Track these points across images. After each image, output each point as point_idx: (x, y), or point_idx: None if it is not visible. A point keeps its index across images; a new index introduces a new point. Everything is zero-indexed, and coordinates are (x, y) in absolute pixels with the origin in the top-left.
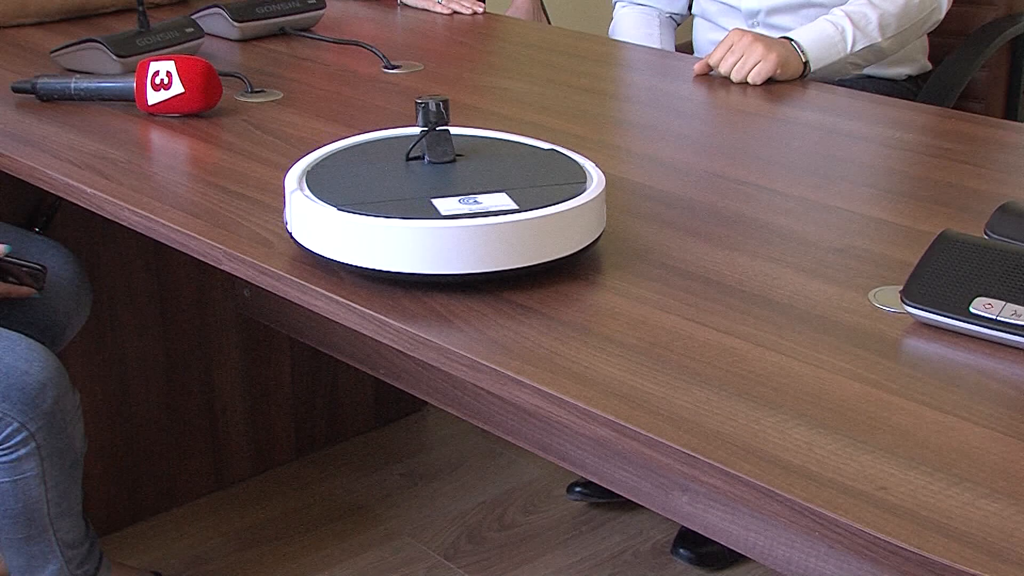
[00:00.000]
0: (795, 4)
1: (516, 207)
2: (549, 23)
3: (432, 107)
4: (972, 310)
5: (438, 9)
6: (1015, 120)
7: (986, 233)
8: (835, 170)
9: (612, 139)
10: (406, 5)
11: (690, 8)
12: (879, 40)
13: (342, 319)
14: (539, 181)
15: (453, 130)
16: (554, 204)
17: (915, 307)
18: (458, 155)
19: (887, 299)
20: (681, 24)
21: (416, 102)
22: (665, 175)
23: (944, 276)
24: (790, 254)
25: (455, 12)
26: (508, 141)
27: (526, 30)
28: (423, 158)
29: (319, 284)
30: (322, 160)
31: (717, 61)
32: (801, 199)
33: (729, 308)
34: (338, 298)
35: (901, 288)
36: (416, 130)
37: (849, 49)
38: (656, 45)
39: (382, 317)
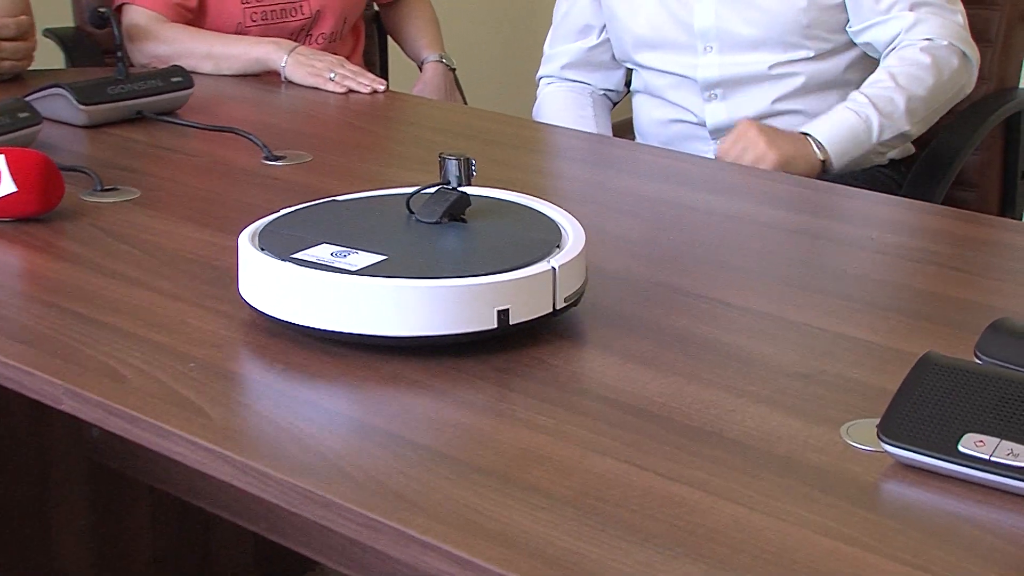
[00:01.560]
0: (758, 75)
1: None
2: (464, 103)
3: (452, 166)
4: (961, 449)
5: (330, 87)
6: (1012, 210)
7: (976, 355)
8: (801, 279)
9: None
10: (292, 82)
11: (628, 84)
12: (908, 128)
13: (213, 470)
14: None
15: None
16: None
17: (895, 445)
18: (461, 218)
19: (862, 435)
20: (618, 103)
21: (439, 156)
22: (603, 287)
23: (928, 408)
24: (748, 381)
25: (351, 91)
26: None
27: (436, 112)
28: (413, 214)
29: (182, 426)
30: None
31: (722, 153)
32: (761, 314)
33: (675, 448)
34: (208, 444)
35: (878, 422)
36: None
37: (875, 140)
38: (591, 128)
39: (262, 468)
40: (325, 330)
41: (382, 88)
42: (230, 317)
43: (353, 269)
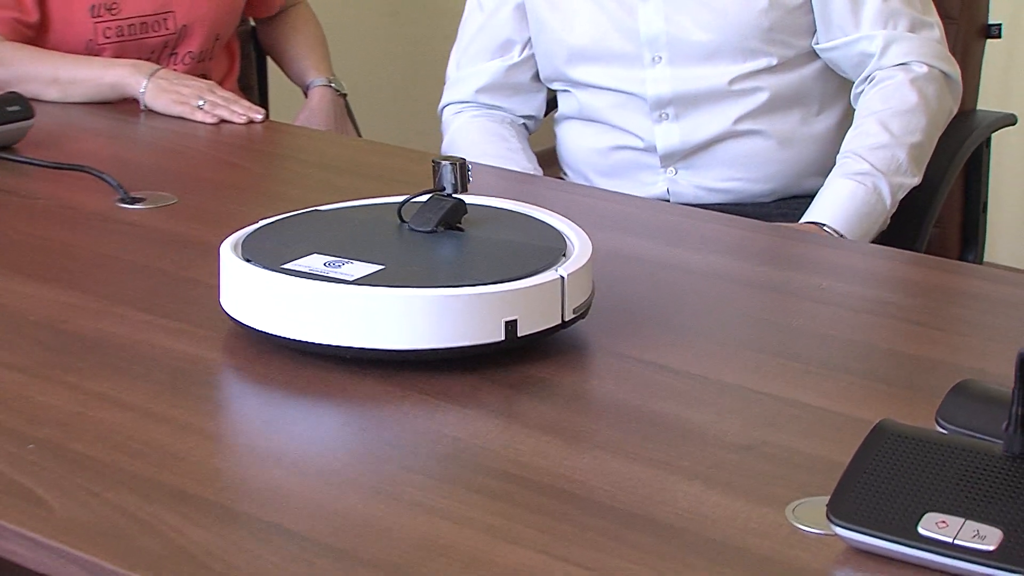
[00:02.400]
0: (717, 91)
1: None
2: (358, 134)
3: (447, 171)
4: (922, 531)
5: (198, 117)
6: (975, 246)
7: (938, 422)
8: (743, 337)
9: None
10: (153, 111)
11: (548, 110)
12: (916, 180)
13: (55, 572)
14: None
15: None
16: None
17: (847, 528)
18: (458, 227)
19: (810, 516)
20: (534, 132)
21: (432, 161)
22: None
23: (884, 484)
24: (681, 455)
25: (223, 120)
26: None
27: (324, 145)
28: (405, 223)
29: (18, 520)
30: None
31: None
32: (698, 378)
33: (598, 534)
34: (49, 541)
35: (828, 501)
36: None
37: (890, 206)
38: (521, 164)
39: (100, 562)
40: (319, 344)
41: (260, 117)
42: (78, 390)
43: (351, 279)
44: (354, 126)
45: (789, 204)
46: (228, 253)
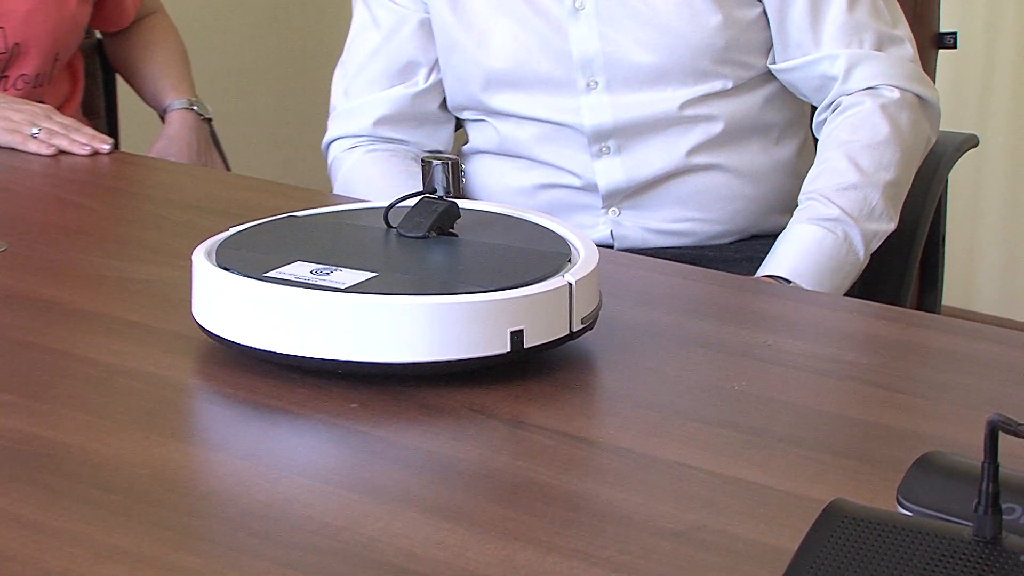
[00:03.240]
0: (667, 118)
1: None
2: (226, 167)
3: (438, 171)
4: None
5: (32, 147)
6: (935, 283)
7: (899, 501)
8: (674, 402)
9: None
10: None
11: (464, 140)
12: (892, 225)
13: None
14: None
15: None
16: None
17: None
18: (451, 232)
19: None
20: None
21: (422, 160)
22: (417, 426)
23: (837, 574)
24: (604, 543)
25: (62, 151)
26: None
27: (185, 180)
28: (393, 228)
29: None
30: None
31: None
32: (620, 452)
33: None
34: None
35: None
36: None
37: (863, 257)
38: None
39: None
40: (310, 358)
41: (107, 148)
42: None
43: (342, 287)
44: (221, 157)
45: (752, 245)
46: (203, 261)
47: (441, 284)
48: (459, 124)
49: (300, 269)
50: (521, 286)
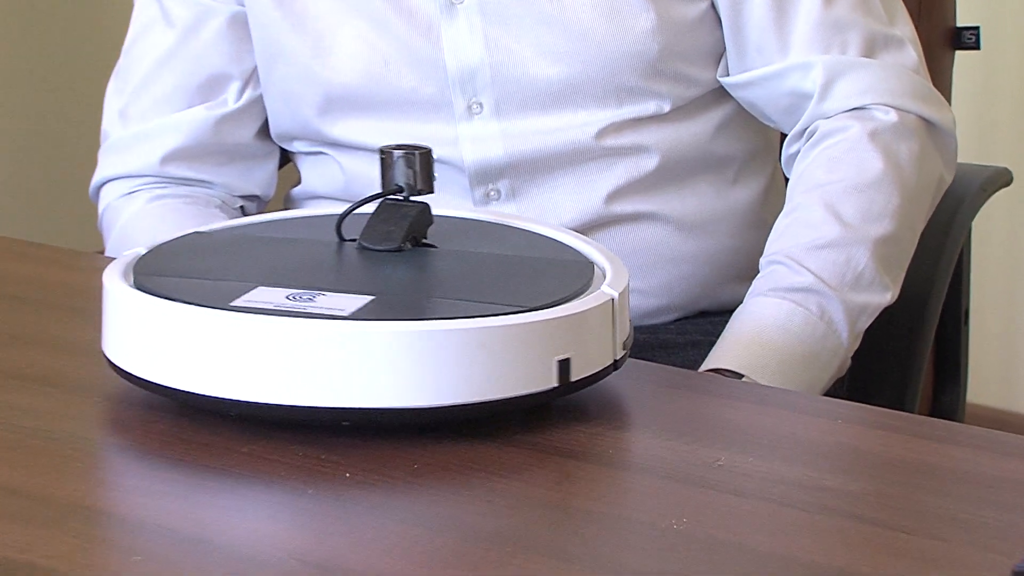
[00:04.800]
0: (577, 154)
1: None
2: None
3: (401, 164)
4: None
5: None
6: (958, 373)
7: None
8: (589, 547)
9: None
10: None
11: (292, 181)
12: (889, 296)
13: None
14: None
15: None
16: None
17: None
18: (426, 243)
19: None
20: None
21: (380, 151)
22: None
23: None
24: None
25: None
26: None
27: None
28: (352, 241)
29: None
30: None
31: None
32: None
33: None
34: None
35: None
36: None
37: (849, 340)
38: None
39: None
40: (310, 407)
41: None
42: None
43: (344, 314)
44: None
45: (699, 325)
46: (129, 293)
47: (465, 306)
48: (285, 159)
49: (270, 295)
50: (562, 302)
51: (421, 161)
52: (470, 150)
